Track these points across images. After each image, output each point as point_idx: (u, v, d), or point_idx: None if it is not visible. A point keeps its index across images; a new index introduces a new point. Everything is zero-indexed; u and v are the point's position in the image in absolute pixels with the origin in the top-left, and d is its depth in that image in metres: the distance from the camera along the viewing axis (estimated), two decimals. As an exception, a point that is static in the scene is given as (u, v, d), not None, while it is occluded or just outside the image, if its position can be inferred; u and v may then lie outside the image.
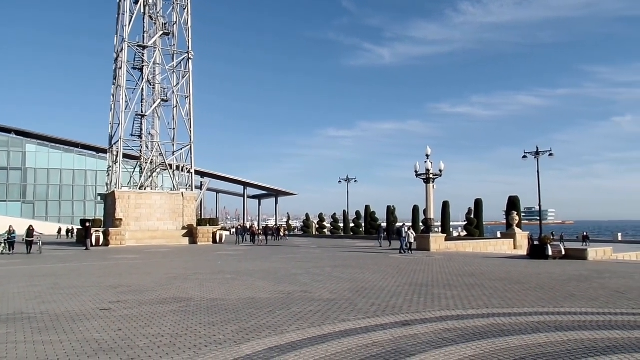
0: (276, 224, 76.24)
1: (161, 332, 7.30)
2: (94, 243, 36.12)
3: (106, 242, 37.44)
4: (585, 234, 60.89)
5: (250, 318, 8.34)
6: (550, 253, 20.94)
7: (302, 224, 77.74)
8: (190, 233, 42.76)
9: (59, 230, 64.85)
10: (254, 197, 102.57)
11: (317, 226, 67.99)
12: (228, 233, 60.22)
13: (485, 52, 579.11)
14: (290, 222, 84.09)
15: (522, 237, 31.31)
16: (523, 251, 28.49)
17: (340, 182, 61.30)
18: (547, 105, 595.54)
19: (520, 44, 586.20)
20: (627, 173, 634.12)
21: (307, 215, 72.51)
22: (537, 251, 21.61)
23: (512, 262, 20.05)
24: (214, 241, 42.05)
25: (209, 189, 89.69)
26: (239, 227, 47.68)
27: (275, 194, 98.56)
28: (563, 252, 21.33)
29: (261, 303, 9.97)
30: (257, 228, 42.26)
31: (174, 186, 46.05)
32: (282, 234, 52.92)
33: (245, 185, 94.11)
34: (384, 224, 51.28)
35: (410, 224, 37.00)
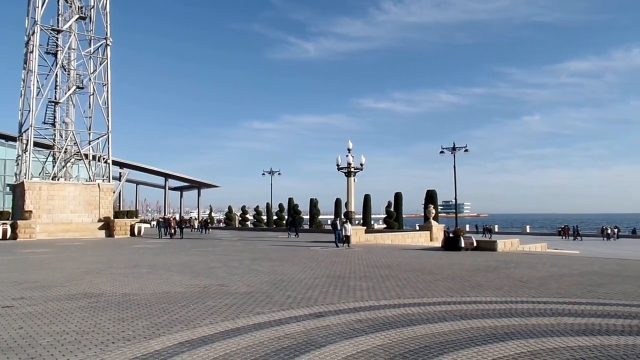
0: (197, 216, 74.52)
1: (66, 330, 6.91)
2: (0, 236, 33.84)
3: (14, 236, 35.17)
4: (485, 226, 65.28)
5: (163, 313, 8.08)
6: (463, 245, 22.15)
7: (224, 216, 76.51)
8: (107, 226, 40.82)
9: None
10: (175, 188, 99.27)
11: (240, 219, 67.27)
12: (148, 226, 58.04)
13: (407, 51, 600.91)
14: (213, 214, 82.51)
15: (438, 230, 32.82)
16: (439, 243, 29.83)
17: (263, 174, 60.87)
18: (464, 103, 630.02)
19: (440, 43, 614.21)
20: (536, 169, 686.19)
21: (229, 207, 71.44)
22: (450, 243, 22.77)
23: (427, 254, 20.98)
24: (132, 234, 40.44)
25: (128, 180, 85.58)
26: (160, 219, 45.92)
27: (197, 185, 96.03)
28: (475, 244, 22.63)
29: (176, 297, 9.70)
30: (176, 220, 40.84)
31: (89, 177, 43.54)
32: (195, 226, 51.86)
33: (167, 176, 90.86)
34: (307, 216, 51.72)
35: (374, 217, 37.72)
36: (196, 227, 53.60)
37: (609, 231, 53.91)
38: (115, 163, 57.42)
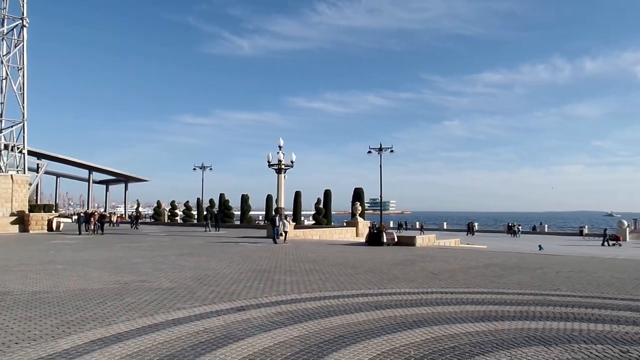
0: (124, 211, 71.52)
1: (-37, 331, 6.52)
2: None
3: None
4: (400, 222, 69.48)
5: (76, 310, 7.85)
6: (385, 240, 23.03)
7: (153, 211, 74.03)
8: (21, 220, 38.14)
9: None
10: (101, 182, 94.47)
11: (169, 214, 65.40)
12: (69, 220, 54.96)
13: (339, 53, 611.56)
14: (141, 209, 79.44)
15: (363, 226, 33.81)
16: (365, 238, 30.79)
17: (195, 169, 59.65)
18: (392, 107, 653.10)
19: (371, 48, 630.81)
20: (455, 171, 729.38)
21: (158, 202, 69.24)
22: (374, 238, 23.61)
23: (351, 249, 21.62)
24: (51, 229, 38.11)
25: (48, 173, 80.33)
26: (81, 214, 43.59)
27: (125, 179, 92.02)
28: (396, 239, 23.60)
29: (92, 294, 9.42)
30: (96, 215, 38.90)
31: (1, 168, 40.51)
32: (114, 221, 50.02)
33: (91, 169, 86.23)
34: (238, 212, 51.22)
35: (290, 212, 37.88)
36: (114, 221, 51.56)
37: (515, 228, 58.19)
38: (32, 154, 53.82)
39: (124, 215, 78.13)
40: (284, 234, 25.82)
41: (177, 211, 64.70)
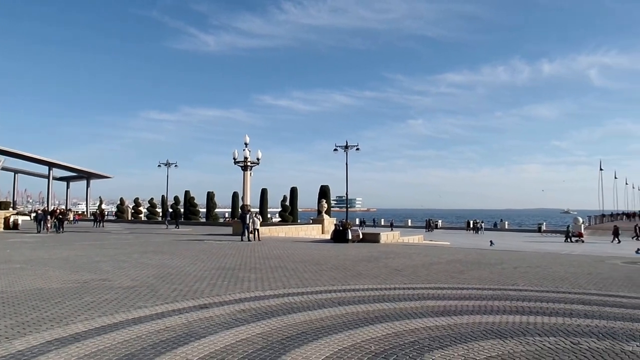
0: (86, 209, 69.49)
1: None
2: None
3: None
4: (362, 219, 71.97)
5: (33, 311, 7.62)
6: (350, 237, 23.25)
7: (115, 208, 72.32)
8: (-25, 218, 36.61)
9: None
10: (61, 179, 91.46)
11: (133, 211, 64.04)
12: (28, 218, 53.09)
13: (305, 51, 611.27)
14: (104, 206, 77.41)
15: (329, 223, 34.01)
16: (330, 235, 30.97)
17: (159, 166, 58.49)
18: (358, 105, 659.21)
19: (336, 47, 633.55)
20: (419, 168, 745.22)
21: (121, 199, 67.71)
22: (339, 235, 23.80)
23: (317, 246, 21.73)
24: (7, 227, 36.71)
25: (5, 169, 77.30)
26: (39, 211, 42.11)
27: (87, 176, 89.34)
28: (361, 236, 23.86)
29: (50, 294, 9.15)
30: (54, 212, 37.69)
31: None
32: (71, 219, 48.70)
33: (51, 165, 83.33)
34: (204, 209, 50.68)
35: (257, 210, 37.69)
36: (71, 219, 50.17)
37: (478, 225, 59.87)
38: (-14, 149, 51.75)
39: (85, 213, 76.02)
40: (254, 232, 25.42)
41: (141, 208, 63.44)
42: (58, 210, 38.23)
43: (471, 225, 61.76)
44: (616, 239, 41.65)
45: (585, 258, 18.72)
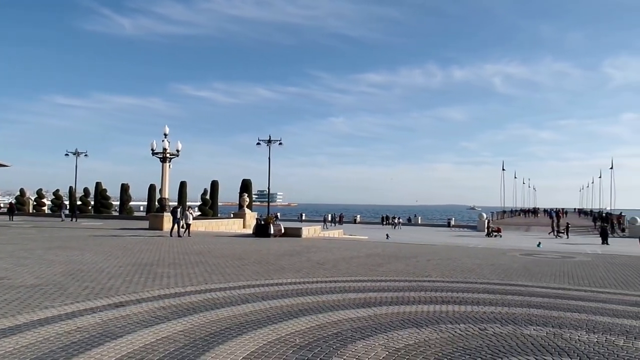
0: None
1: None
2: None
3: None
4: (276, 214, 72.98)
5: None
6: (272, 231, 23.24)
7: (14, 200, 66.53)
8: None
9: None
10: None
11: (35, 203, 59.33)
12: None
13: (228, 42, 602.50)
14: (0, 197, 71.07)
15: (251, 217, 33.74)
16: (252, 230, 30.75)
17: (67, 155, 54.61)
18: (280, 100, 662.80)
19: (260, 40, 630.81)
20: (340, 165, 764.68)
21: (21, 190, 62.34)
22: (261, 230, 23.70)
23: (238, 240, 21.49)
24: None
25: None
26: None
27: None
28: (283, 231, 23.94)
29: (-61, 295, 8.26)
30: None
31: None
32: None
33: None
34: (117, 202, 48.21)
35: (190, 204, 36.25)
36: None
37: (396, 220, 62.51)
38: None
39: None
40: (186, 227, 24.26)
41: (44, 201, 58.91)
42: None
43: (389, 221, 64.21)
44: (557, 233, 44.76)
45: (489, 251, 20.15)
